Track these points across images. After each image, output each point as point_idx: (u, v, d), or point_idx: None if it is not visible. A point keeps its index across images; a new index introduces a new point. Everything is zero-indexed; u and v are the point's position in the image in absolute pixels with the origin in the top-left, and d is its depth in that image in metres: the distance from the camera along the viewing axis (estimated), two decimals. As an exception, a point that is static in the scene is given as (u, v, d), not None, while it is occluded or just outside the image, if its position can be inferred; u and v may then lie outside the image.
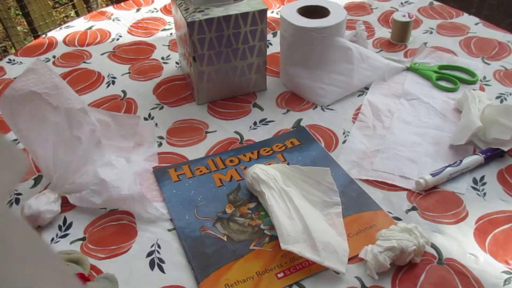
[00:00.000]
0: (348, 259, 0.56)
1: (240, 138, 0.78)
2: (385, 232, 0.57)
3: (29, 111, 0.63)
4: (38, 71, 0.63)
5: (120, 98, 0.88)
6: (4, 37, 2.38)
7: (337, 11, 0.84)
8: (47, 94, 0.63)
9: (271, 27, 1.08)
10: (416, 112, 0.81)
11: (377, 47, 1.00)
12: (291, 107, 0.85)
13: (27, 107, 0.63)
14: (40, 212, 0.62)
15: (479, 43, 0.99)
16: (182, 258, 0.60)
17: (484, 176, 0.69)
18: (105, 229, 0.64)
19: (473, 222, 0.63)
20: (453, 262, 0.58)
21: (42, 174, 0.71)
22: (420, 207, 0.65)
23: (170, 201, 0.66)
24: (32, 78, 0.63)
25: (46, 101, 0.63)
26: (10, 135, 0.80)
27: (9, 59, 1.01)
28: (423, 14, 1.11)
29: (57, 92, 0.64)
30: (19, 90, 0.62)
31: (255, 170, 0.65)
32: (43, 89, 0.63)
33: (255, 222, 0.63)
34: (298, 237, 0.57)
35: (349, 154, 0.74)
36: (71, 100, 0.65)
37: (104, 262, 0.59)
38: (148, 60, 0.99)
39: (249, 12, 0.76)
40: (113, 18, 1.16)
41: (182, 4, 0.79)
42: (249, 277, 0.56)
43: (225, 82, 0.84)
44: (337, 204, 0.63)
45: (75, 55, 1.02)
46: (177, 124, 0.82)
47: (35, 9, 1.88)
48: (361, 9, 1.15)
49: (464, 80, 0.88)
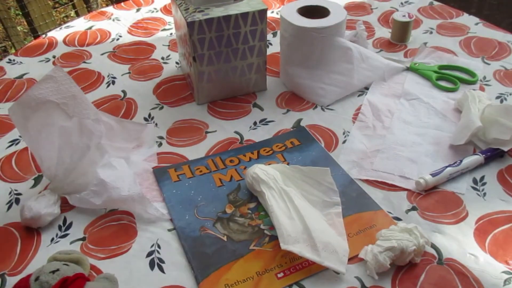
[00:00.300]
0: (348, 259, 0.56)
1: (240, 138, 0.78)
2: (385, 232, 0.57)
3: (41, 117, 0.62)
4: (57, 80, 0.62)
5: (120, 98, 0.88)
6: (4, 37, 2.38)
7: (337, 11, 0.84)
8: (64, 104, 0.62)
9: (271, 27, 1.08)
10: (416, 112, 0.81)
11: (377, 47, 1.00)
12: (291, 107, 0.85)
13: (40, 113, 0.62)
14: (40, 215, 0.62)
15: (479, 43, 0.99)
16: (182, 258, 0.60)
17: (484, 176, 0.69)
18: (105, 229, 0.63)
19: (473, 222, 0.63)
20: (453, 262, 0.57)
21: (42, 174, 0.71)
22: (420, 207, 0.65)
23: (170, 201, 0.66)
24: (50, 86, 0.61)
25: (63, 110, 0.62)
26: (10, 136, 0.80)
27: (9, 59, 1.01)
28: (423, 14, 1.11)
29: (74, 103, 0.63)
30: (36, 98, 0.61)
31: (255, 170, 0.65)
32: (61, 99, 0.62)
33: (255, 222, 0.63)
34: (298, 237, 0.57)
35: (349, 154, 0.74)
36: (87, 111, 0.64)
37: (104, 262, 0.59)
38: (148, 60, 0.99)
39: (249, 12, 0.76)
40: (113, 18, 1.16)
41: (182, 4, 0.79)
42: (249, 277, 0.56)
43: (225, 82, 0.84)
44: (337, 204, 0.63)
45: (75, 55, 1.02)
46: (177, 124, 0.82)
47: (35, 9, 1.88)
48: (361, 9, 1.15)
49: (464, 80, 0.88)
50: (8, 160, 0.75)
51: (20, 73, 0.96)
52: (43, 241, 0.62)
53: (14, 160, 0.75)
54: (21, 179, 0.71)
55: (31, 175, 0.72)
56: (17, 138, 0.79)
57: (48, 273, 0.52)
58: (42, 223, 0.63)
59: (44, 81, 0.62)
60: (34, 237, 0.63)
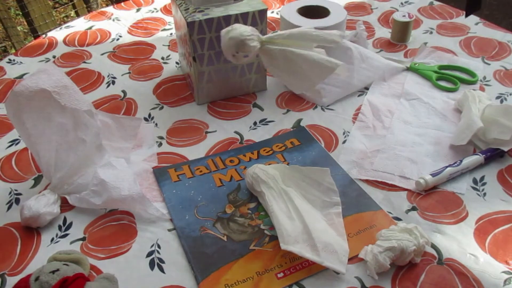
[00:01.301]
0: (348, 259, 0.56)
1: (240, 138, 0.78)
2: (385, 232, 0.57)
3: (36, 108, 0.63)
4: (49, 71, 0.64)
5: (120, 98, 0.88)
6: (4, 37, 2.38)
7: (337, 11, 0.84)
8: (56, 93, 0.63)
9: (271, 27, 1.08)
10: (416, 112, 0.81)
11: (377, 47, 1.00)
12: (291, 107, 0.85)
13: (34, 103, 0.63)
14: (40, 214, 0.62)
15: (479, 43, 0.99)
16: (182, 258, 0.60)
17: (484, 176, 0.69)
18: (105, 229, 0.63)
19: (473, 222, 0.63)
20: (453, 262, 0.57)
21: (42, 174, 0.71)
22: (420, 207, 0.65)
23: (170, 201, 0.66)
24: (43, 77, 0.63)
25: (55, 99, 0.63)
26: (10, 136, 0.80)
27: (9, 59, 1.01)
28: (423, 14, 1.11)
29: (66, 92, 0.64)
30: (29, 87, 0.62)
31: (255, 170, 0.65)
32: (53, 87, 0.63)
33: (255, 222, 0.63)
34: (298, 237, 0.57)
35: (349, 154, 0.74)
36: (79, 101, 0.65)
37: (104, 262, 0.59)
38: (148, 60, 0.99)
39: (249, 12, 0.76)
40: (113, 18, 1.16)
41: (182, 4, 0.79)
42: (249, 277, 0.56)
43: (225, 82, 0.84)
44: (337, 204, 0.63)
45: (75, 55, 1.02)
46: (177, 124, 0.82)
47: (35, 9, 1.88)
48: (361, 9, 1.15)
49: (464, 80, 0.88)
50: (8, 160, 0.75)
51: (20, 73, 0.96)
52: (43, 241, 0.62)
53: (14, 160, 0.75)
54: (21, 179, 0.71)
55: (31, 175, 0.72)
56: (17, 138, 0.79)
57: (48, 273, 0.52)
58: (41, 223, 0.63)
59: (36, 73, 0.64)
60: (34, 237, 0.63)
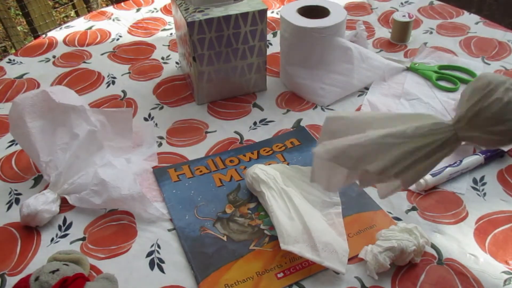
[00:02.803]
0: (348, 259, 0.56)
1: (240, 138, 0.78)
2: (385, 232, 0.57)
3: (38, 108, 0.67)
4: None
5: (120, 98, 0.88)
6: (4, 37, 2.38)
7: (337, 11, 0.84)
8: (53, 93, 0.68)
9: (271, 27, 1.08)
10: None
11: (377, 47, 1.00)
12: (291, 107, 0.85)
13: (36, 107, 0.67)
14: (37, 212, 0.61)
15: (479, 43, 0.99)
16: (182, 258, 0.60)
17: (484, 176, 0.69)
18: (105, 229, 0.63)
19: (473, 222, 0.63)
20: (453, 262, 0.57)
21: (42, 174, 0.71)
22: (420, 207, 0.65)
23: (170, 201, 0.66)
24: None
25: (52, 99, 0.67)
26: (10, 136, 0.80)
27: (9, 59, 1.01)
28: (423, 14, 1.11)
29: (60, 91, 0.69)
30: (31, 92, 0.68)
31: (255, 170, 0.65)
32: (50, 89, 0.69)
33: (255, 222, 0.63)
34: (298, 237, 0.57)
35: (349, 154, 0.74)
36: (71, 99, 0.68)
37: (104, 262, 0.59)
38: (148, 60, 0.99)
39: (249, 12, 0.76)
40: (113, 18, 1.16)
41: (182, 4, 0.79)
42: (249, 277, 0.56)
43: (225, 82, 0.84)
44: (337, 204, 0.63)
45: (75, 55, 1.02)
46: (177, 124, 0.82)
47: (35, 9, 1.89)
48: (361, 9, 1.15)
49: (464, 80, 0.88)
50: (8, 160, 0.75)
51: (20, 73, 0.96)
52: (43, 241, 0.62)
53: (14, 160, 0.75)
54: (21, 179, 0.71)
55: (31, 175, 0.72)
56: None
57: (48, 273, 0.52)
58: (39, 221, 0.62)
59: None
60: (34, 237, 0.63)
